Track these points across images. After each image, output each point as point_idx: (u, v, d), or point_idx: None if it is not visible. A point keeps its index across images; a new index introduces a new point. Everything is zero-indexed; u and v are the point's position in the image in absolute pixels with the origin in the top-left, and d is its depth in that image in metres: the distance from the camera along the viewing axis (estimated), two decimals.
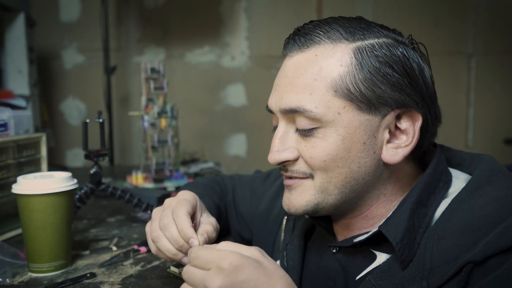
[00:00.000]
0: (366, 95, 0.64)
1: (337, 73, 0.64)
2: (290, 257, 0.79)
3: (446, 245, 0.59)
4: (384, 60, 0.64)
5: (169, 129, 1.55)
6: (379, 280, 0.64)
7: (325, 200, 0.68)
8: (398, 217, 0.65)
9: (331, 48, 0.66)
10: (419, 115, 0.66)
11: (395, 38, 0.68)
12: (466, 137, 2.64)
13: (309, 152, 0.67)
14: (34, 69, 2.00)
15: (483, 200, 0.61)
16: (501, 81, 2.62)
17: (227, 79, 2.53)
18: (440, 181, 0.68)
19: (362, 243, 0.68)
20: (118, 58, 2.44)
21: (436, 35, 2.55)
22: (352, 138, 0.65)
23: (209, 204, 0.92)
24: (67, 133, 2.49)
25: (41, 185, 0.78)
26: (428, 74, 0.69)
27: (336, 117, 0.65)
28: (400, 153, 0.66)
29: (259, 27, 2.50)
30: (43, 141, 1.08)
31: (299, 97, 0.66)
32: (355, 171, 0.66)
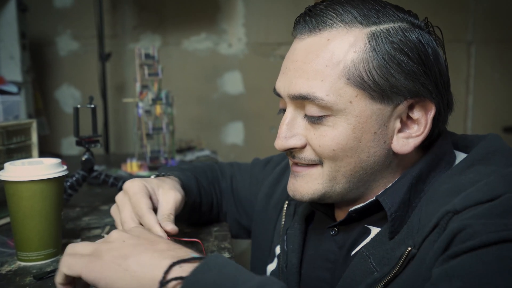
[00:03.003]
0: (380, 84, 0.61)
1: (350, 60, 0.62)
2: (290, 241, 0.79)
3: (432, 207, 0.60)
4: (399, 47, 0.62)
5: (164, 116, 1.52)
6: (371, 249, 0.64)
7: (333, 189, 0.68)
8: (397, 189, 0.65)
9: (344, 33, 0.63)
10: (433, 105, 0.64)
11: (411, 21, 0.65)
12: (465, 125, 2.63)
13: (318, 140, 0.65)
14: (27, 55, 1.97)
15: (473, 174, 0.61)
16: (500, 69, 2.60)
17: (224, 66, 2.50)
18: (442, 161, 0.67)
19: (358, 213, 0.68)
20: (113, 46, 2.41)
21: (436, 22, 2.49)
22: (363, 128, 0.63)
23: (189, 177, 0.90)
24: (62, 121, 2.46)
25: (29, 172, 0.76)
26: (443, 59, 0.67)
27: (348, 106, 0.62)
28: (411, 143, 0.65)
29: (257, 13, 2.46)
30: (33, 127, 1.05)
31: (309, 84, 0.63)
32: (365, 160, 0.65)
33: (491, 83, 2.60)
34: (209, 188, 0.97)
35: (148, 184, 0.72)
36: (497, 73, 2.60)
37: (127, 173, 1.51)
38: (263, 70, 2.39)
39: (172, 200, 0.72)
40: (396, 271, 0.60)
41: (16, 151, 1.02)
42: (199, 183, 0.93)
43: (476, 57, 2.58)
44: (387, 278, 0.60)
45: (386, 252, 0.63)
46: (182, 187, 0.84)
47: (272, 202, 0.91)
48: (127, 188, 0.72)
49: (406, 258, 0.59)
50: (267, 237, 0.90)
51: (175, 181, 0.83)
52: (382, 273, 0.61)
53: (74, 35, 2.44)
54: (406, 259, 0.59)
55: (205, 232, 0.97)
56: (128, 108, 2.43)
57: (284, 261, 0.79)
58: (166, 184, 0.75)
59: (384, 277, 0.60)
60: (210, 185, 0.98)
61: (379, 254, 0.63)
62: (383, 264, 0.62)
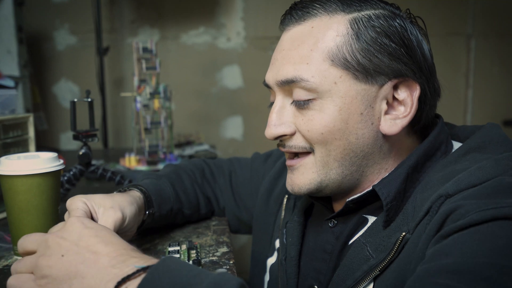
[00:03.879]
0: (363, 64, 0.63)
1: (333, 43, 0.64)
2: (289, 234, 0.80)
3: (426, 195, 0.61)
4: (381, 30, 0.64)
5: (162, 111, 1.51)
6: (368, 237, 0.66)
7: (327, 176, 0.68)
8: (393, 178, 0.66)
9: (327, 19, 0.65)
10: (417, 85, 0.66)
11: (393, 11, 0.67)
12: (464, 118, 2.62)
13: (306, 125, 0.67)
14: (24, 49, 1.95)
15: (468, 162, 0.62)
16: (500, 63, 2.59)
17: (222, 60, 2.49)
18: (438, 150, 0.68)
19: (356, 204, 0.69)
20: (111, 40, 2.39)
21: (436, 16, 2.51)
22: (349, 109, 0.65)
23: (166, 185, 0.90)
24: (60, 116, 2.45)
25: (25, 166, 0.75)
26: (427, 47, 0.68)
27: (333, 87, 0.64)
28: (399, 124, 0.66)
29: (255, 7, 2.45)
30: (30, 121, 1.05)
31: (295, 68, 0.66)
32: (353, 142, 0.66)
33: (491, 77, 2.59)
34: (193, 188, 0.96)
35: (88, 201, 0.70)
36: (496, 67, 2.59)
37: (125, 168, 1.50)
38: (262, 64, 2.36)
39: (110, 220, 0.69)
40: (391, 256, 0.61)
41: (13, 146, 1.01)
42: (177, 188, 0.92)
43: (475, 50, 2.56)
44: (383, 263, 0.61)
45: (382, 240, 0.64)
46: (146, 201, 0.82)
47: (273, 196, 0.92)
48: (67, 204, 0.71)
49: (401, 243, 0.60)
50: (268, 231, 0.91)
51: (132, 197, 0.78)
52: (378, 259, 0.62)
53: (72, 30, 2.42)
54: (401, 244, 0.60)
55: (203, 226, 0.96)
56: (126, 102, 2.43)
57: (284, 253, 0.80)
58: (110, 202, 0.72)
59: (380, 263, 0.62)
60: (195, 184, 0.97)
61: (375, 241, 0.65)
62: (379, 251, 0.63)
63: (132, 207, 0.75)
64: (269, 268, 0.88)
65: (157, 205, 0.85)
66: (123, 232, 0.74)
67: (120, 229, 0.72)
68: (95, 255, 0.54)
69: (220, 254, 0.81)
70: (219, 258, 0.79)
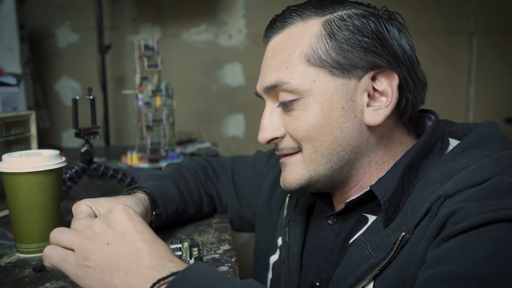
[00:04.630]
0: (338, 61, 0.66)
1: (308, 45, 0.68)
2: (292, 232, 0.81)
3: (425, 194, 0.62)
4: (354, 28, 0.67)
5: (164, 108, 1.52)
6: (368, 237, 0.67)
7: (317, 172, 0.70)
8: (390, 177, 0.67)
9: (302, 25, 0.70)
10: (394, 74, 0.67)
11: (366, 9, 0.70)
12: (466, 116, 2.61)
13: (292, 125, 0.70)
14: (26, 47, 1.95)
15: (467, 159, 0.63)
16: (502, 60, 2.58)
17: (224, 58, 2.49)
18: (434, 147, 0.69)
19: (355, 203, 0.71)
20: (112, 38, 2.39)
21: (437, 13, 2.50)
22: (330, 104, 0.67)
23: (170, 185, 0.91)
24: (62, 114, 2.45)
25: (27, 163, 0.75)
26: (405, 39, 0.70)
27: (312, 85, 0.67)
28: (382, 114, 0.68)
29: (256, 4, 2.45)
30: (32, 119, 1.05)
31: (277, 73, 0.70)
32: (339, 137, 0.68)
33: (493, 74, 2.59)
34: (196, 187, 0.97)
35: (93, 205, 0.72)
36: (498, 64, 2.59)
37: (127, 165, 1.50)
38: None
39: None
40: (391, 256, 0.62)
41: (15, 143, 1.01)
42: (182, 188, 0.93)
43: (477, 47, 2.56)
44: (383, 263, 0.62)
45: (382, 239, 0.65)
46: (152, 203, 0.83)
47: (275, 194, 0.92)
48: (73, 209, 0.72)
49: (400, 243, 0.61)
50: (270, 229, 0.91)
51: (137, 198, 0.80)
52: (378, 259, 0.63)
53: (73, 27, 2.42)
54: (400, 244, 0.61)
55: (205, 224, 0.96)
56: (128, 100, 2.43)
57: (286, 251, 0.80)
58: (114, 204, 0.72)
59: (380, 262, 0.62)
60: (198, 183, 0.98)
61: (375, 241, 0.65)
62: (379, 250, 0.64)
63: (138, 208, 0.77)
64: (272, 265, 0.88)
65: (163, 206, 0.85)
66: None
67: None
68: (138, 253, 0.55)
69: (222, 251, 0.81)
70: (221, 255, 0.79)
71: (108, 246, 0.56)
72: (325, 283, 0.73)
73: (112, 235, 0.57)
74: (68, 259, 0.57)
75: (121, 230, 0.58)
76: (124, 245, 0.56)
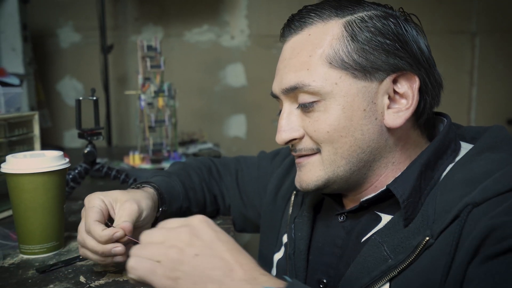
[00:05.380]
0: (360, 63, 0.66)
1: (330, 47, 0.67)
2: (298, 228, 0.81)
3: (447, 197, 0.62)
4: (375, 29, 0.67)
5: (166, 109, 1.52)
6: (384, 237, 0.66)
7: (335, 173, 0.70)
8: (406, 176, 0.67)
9: (322, 26, 0.69)
10: (416, 77, 0.67)
11: (385, 11, 0.70)
12: (469, 116, 2.61)
13: (312, 126, 0.69)
14: (29, 47, 1.96)
15: (484, 161, 0.64)
16: (504, 60, 2.58)
17: (226, 58, 2.49)
18: (448, 148, 0.70)
19: (370, 203, 0.70)
20: (115, 37, 2.40)
21: (440, 13, 2.50)
22: (352, 106, 0.67)
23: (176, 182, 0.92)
24: (65, 114, 2.46)
25: (31, 164, 0.75)
26: (423, 41, 0.70)
27: (334, 88, 0.67)
28: (402, 116, 0.68)
29: (259, 5, 2.45)
30: (35, 119, 1.05)
31: (297, 75, 0.69)
32: (359, 138, 0.68)
33: (495, 74, 2.58)
34: (201, 186, 0.97)
35: (106, 198, 0.72)
36: (501, 64, 2.58)
37: (129, 166, 1.51)
38: (266, 62, 2.37)
39: (126, 212, 0.71)
40: (411, 259, 0.61)
41: (18, 144, 1.01)
42: (187, 186, 0.94)
43: (480, 48, 2.55)
44: (402, 265, 0.62)
45: (400, 241, 0.64)
46: (159, 198, 0.84)
47: (280, 193, 0.92)
48: (85, 201, 0.72)
49: (423, 248, 0.61)
50: (275, 227, 0.92)
51: (147, 193, 0.80)
52: (397, 261, 0.62)
53: (76, 27, 2.43)
54: (423, 248, 0.61)
55: None
56: (131, 100, 2.43)
57: (292, 248, 0.80)
58: (126, 196, 0.74)
59: (399, 264, 0.62)
60: (203, 183, 0.99)
61: (393, 242, 0.65)
62: (398, 252, 0.63)
63: (148, 201, 0.78)
64: (276, 263, 0.89)
65: (168, 202, 0.87)
66: (140, 226, 0.75)
67: (137, 222, 0.74)
68: (229, 265, 0.53)
69: None
70: None
71: (197, 257, 0.53)
72: (334, 280, 0.73)
73: (199, 245, 0.54)
74: (156, 271, 0.53)
75: (208, 241, 0.55)
76: (213, 256, 0.53)
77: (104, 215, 0.71)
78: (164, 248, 0.54)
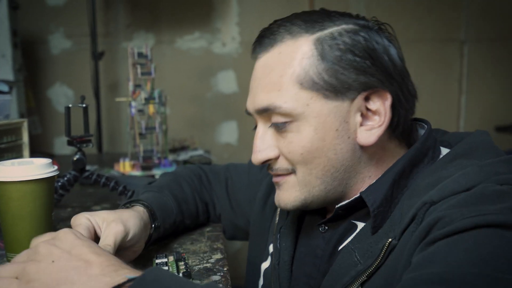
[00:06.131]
0: (331, 83, 0.65)
1: (300, 67, 0.66)
2: (283, 239, 0.81)
3: (412, 202, 0.62)
4: (345, 47, 0.65)
5: (157, 116, 1.52)
6: (356, 243, 0.67)
7: (311, 193, 0.70)
8: (380, 185, 0.67)
9: (292, 43, 0.68)
10: (388, 94, 0.67)
11: (356, 23, 0.68)
12: (458, 124, 2.64)
13: (287, 148, 0.69)
14: (19, 53, 1.95)
15: (455, 168, 0.63)
16: (493, 68, 2.61)
17: (218, 65, 2.49)
18: (425, 156, 0.69)
19: (344, 209, 0.71)
20: (106, 44, 2.39)
21: (429, 22, 2.53)
22: (324, 127, 0.66)
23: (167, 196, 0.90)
24: (55, 120, 2.44)
25: (18, 172, 0.75)
26: (395, 52, 0.69)
27: (306, 109, 0.66)
28: (375, 134, 0.67)
29: (250, 12, 2.46)
30: (24, 127, 1.05)
31: (269, 96, 0.68)
32: (333, 158, 0.68)
33: (484, 82, 2.61)
34: (193, 196, 0.96)
35: (92, 217, 0.71)
36: (489, 73, 2.61)
37: (119, 173, 1.50)
38: None
39: (111, 234, 0.70)
40: (378, 262, 0.62)
41: (7, 151, 1.01)
42: (179, 199, 0.92)
43: (468, 56, 2.58)
44: (370, 269, 0.63)
45: (369, 246, 0.65)
46: (150, 215, 0.82)
47: (269, 202, 0.92)
48: (71, 221, 0.72)
49: (387, 249, 0.62)
50: (263, 236, 0.92)
51: (136, 212, 0.79)
52: (366, 265, 0.63)
53: (67, 33, 2.42)
54: (387, 250, 0.62)
55: (197, 232, 0.96)
56: (121, 106, 2.42)
57: (277, 258, 0.81)
58: (113, 216, 0.73)
59: (367, 269, 0.63)
60: (195, 193, 0.98)
61: (363, 247, 0.66)
62: (367, 257, 0.64)
63: (137, 221, 0.75)
64: (263, 272, 0.89)
65: (161, 219, 0.85)
66: (130, 246, 0.74)
67: (125, 243, 0.72)
68: (87, 263, 0.54)
69: (214, 260, 0.81)
70: (213, 265, 0.79)
71: (54, 263, 0.54)
72: None
73: (57, 253, 0.55)
74: (12, 286, 0.54)
75: (68, 247, 0.56)
76: (71, 260, 0.54)
77: (91, 234, 0.70)
78: (22, 263, 0.55)
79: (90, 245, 0.57)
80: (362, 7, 2.47)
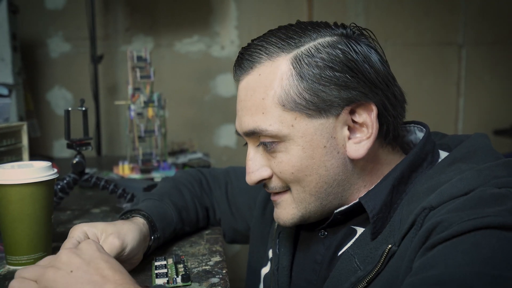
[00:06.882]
0: (313, 102, 0.65)
1: (280, 88, 0.66)
2: (282, 244, 0.81)
3: (412, 207, 0.62)
4: (323, 64, 0.65)
5: (156, 119, 1.52)
6: (356, 249, 0.67)
7: (307, 210, 0.71)
8: (379, 190, 0.67)
9: (270, 64, 0.67)
10: (372, 105, 0.66)
11: (333, 33, 0.67)
12: (456, 127, 2.64)
13: (278, 168, 0.69)
14: (18, 57, 1.95)
15: (453, 172, 0.63)
16: (491, 71, 2.62)
17: (216, 68, 2.50)
18: (424, 161, 0.69)
19: (343, 214, 0.71)
20: (105, 47, 2.40)
21: (427, 25, 2.53)
22: (311, 146, 0.66)
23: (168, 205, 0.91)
24: (54, 123, 2.44)
25: (18, 175, 0.75)
26: (377, 58, 0.68)
27: (291, 130, 0.66)
28: (364, 146, 0.67)
29: (249, 15, 2.47)
30: (24, 130, 1.05)
31: (254, 119, 0.68)
32: (324, 175, 0.68)
33: (482, 86, 2.62)
34: (193, 203, 0.97)
35: (90, 229, 0.72)
36: (487, 76, 2.62)
37: (118, 176, 1.50)
38: None
39: (107, 247, 0.70)
40: (378, 268, 0.62)
41: (6, 154, 1.01)
42: (180, 207, 0.93)
43: (467, 59, 2.59)
44: (370, 275, 0.63)
45: (369, 252, 0.65)
46: (150, 227, 0.82)
47: (269, 206, 0.92)
48: (70, 231, 0.72)
49: (387, 256, 0.62)
50: (263, 241, 0.92)
51: (136, 224, 0.79)
52: (365, 271, 0.63)
53: (66, 37, 2.43)
54: (387, 256, 0.62)
55: (196, 235, 0.97)
56: (120, 110, 2.43)
57: (276, 263, 0.80)
58: (111, 229, 0.73)
59: (367, 275, 0.63)
60: (195, 198, 0.98)
61: (363, 253, 0.66)
62: (367, 263, 0.64)
63: (135, 234, 0.75)
64: (263, 277, 0.89)
65: (161, 229, 0.85)
66: (127, 259, 0.74)
67: (121, 256, 0.72)
68: (102, 279, 0.56)
69: (213, 263, 0.81)
70: (212, 267, 0.79)
71: (72, 273, 0.56)
72: None
73: (77, 262, 0.57)
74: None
75: (88, 258, 0.58)
76: (89, 272, 0.56)
77: None
78: (43, 268, 0.58)
79: (108, 260, 0.59)
80: (361, 11, 2.48)
